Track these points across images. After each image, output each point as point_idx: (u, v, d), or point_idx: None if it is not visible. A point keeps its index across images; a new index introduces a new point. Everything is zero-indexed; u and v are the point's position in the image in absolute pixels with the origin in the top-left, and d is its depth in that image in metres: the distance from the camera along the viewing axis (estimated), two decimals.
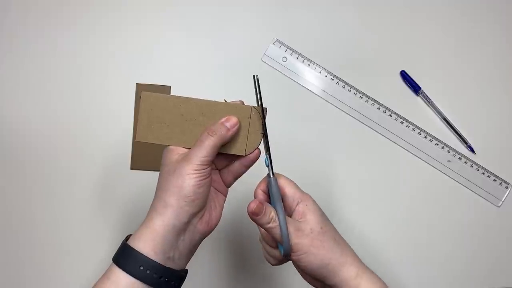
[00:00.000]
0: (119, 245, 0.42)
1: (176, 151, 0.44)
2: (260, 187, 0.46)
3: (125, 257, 0.40)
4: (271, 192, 0.45)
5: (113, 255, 0.42)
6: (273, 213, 0.43)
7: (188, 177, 0.41)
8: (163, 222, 0.41)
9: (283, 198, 0.45)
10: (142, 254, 0.39)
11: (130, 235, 0.42)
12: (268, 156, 0.46)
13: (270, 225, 0.43)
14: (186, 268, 0.44)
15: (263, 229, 0.46)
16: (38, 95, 0.67)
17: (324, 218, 0.45)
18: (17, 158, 0.66)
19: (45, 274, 0.64)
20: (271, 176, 0.45)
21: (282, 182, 0.46)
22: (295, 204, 0.45)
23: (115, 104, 0.67)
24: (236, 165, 0.47)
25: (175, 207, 0.41)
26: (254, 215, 0.43)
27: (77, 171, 0.65)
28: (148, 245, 0.40)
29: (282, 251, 0.43)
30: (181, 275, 0.43)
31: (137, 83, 0.66)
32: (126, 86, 0.67)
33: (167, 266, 0.41)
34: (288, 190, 0.45)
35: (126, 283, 0.39)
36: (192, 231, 0.43)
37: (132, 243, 0.40)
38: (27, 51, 0.67)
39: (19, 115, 0.66)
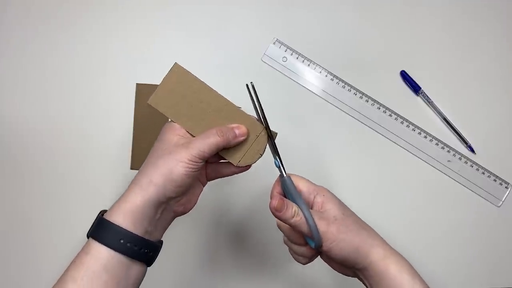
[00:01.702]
0: (94, 220, 0.42)
1: (177, 132, 0.45)
2: (275, 190, 0.47)
3: (104, 231, 0.40)
4: (288, 190, 0.45)
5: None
6: (295, 207, 0.43)
7: (182, 164, 0.42)
8: (143, 197, 0.41)
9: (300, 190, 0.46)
10: (122, 228, 0.40)
11: (105, 210, 0.43)
12: (278, 158, 0.46)
13: (295, 218, 0.43)
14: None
15: (287, 229, 0.46)
16: (36, 95, 0.67)
17: (343, 205, 0.46)
18: (16, 158, 0.65)
19: (44, 275, 0.63)
20: (284, 175, 0.46)
21: (295, 179, 0.47)
22: (312, 197, 0.46)
23: (114, 104, 0.66)
24: (224, 168, 0.48)
25: (159, 186, 0.42)
26: (277, 212, 0.43)
27: (76, 171, 0.65)
28: (128, 218, 0.41)
29: (313, 244, 0.43)
30: (158, 245, 0.44)
31: (137, 83, 0.66)
32: (125, 86, 0.67)
33: (145, 238, 0.42)
34: (303, 185, 0.46)
35: (106, 256, 0.40)
36: (168, 210, 0.45)
37: (110, 217, 0.41)
38: (26, 51, 0.67)
39: (18, 115, 0.66)
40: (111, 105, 0.66)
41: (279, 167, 0.46)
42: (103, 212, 0.43)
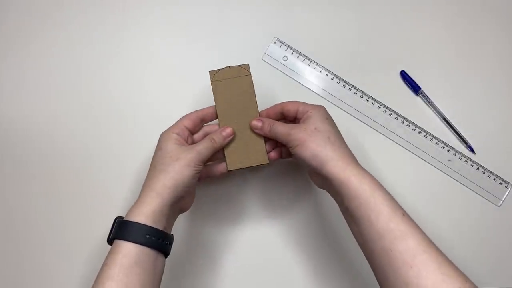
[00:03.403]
0: (113, 226, 0.48)
1: (174, 141, 0.51)
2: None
3: (131, 230, 0.46)
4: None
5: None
6: (267, 121, 0.56)
7: (189, 168, 0.49)
8: (162, 200, 0.48)
9: (296, 115, 0.54)
10: (146, 225, 0.46)
11: (120, 216, 0.49)
12: None
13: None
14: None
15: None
16: (37, 94, 0.67)
17: (324, 123, 0.52)
18: (18, 158, 0.66)
19: (44, 275, 0.63)
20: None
21: (287, 103, 0.56)
22: (303, 114, 0.54)
23: (114, 105, 0.67)
24: (213, 170, 0.56)
25: (172, 189, 0.48)
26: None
27: (77, 172, 0.65)
28: (149, 218, 0.47)
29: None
30: (173, 238, 0.51)
31: (209, 71, 0.59)
32: (125, 86, 0.67)
33: (165, 231, 0.48)
34: (293, 106, 0.55)
35: (136, 252, 0.45)
36: (176, 208, 0.52)
37: (134, 218, 0.46)
38: (26, 50, 0.68)
39: (18, 116, 0.66)
40: (111, 105, 0.67)
41: None
42: (119, 217, 0.48)
